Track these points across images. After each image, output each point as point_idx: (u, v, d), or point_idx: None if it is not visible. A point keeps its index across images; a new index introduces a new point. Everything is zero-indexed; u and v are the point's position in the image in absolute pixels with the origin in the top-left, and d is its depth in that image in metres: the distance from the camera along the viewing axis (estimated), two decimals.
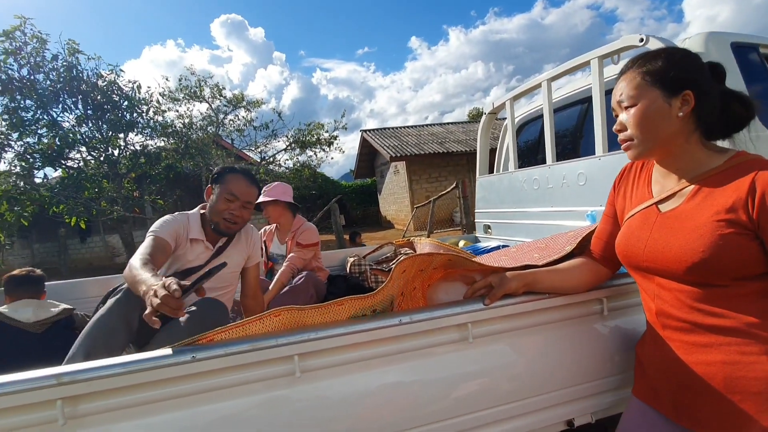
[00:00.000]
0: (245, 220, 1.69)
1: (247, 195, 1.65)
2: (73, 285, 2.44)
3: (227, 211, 1.61)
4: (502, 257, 1.31)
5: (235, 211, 1.62)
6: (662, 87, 0.83)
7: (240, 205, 1.63)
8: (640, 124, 0.85)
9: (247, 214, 1.67)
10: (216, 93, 8.66)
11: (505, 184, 2.69)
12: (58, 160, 7.22)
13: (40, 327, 1.71)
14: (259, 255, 1.89)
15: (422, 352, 1.04)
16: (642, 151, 0.88)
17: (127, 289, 1.38)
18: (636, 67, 0.87)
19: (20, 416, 0.80)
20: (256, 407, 0.92)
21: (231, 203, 1.61)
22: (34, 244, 12.46)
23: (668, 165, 0.90)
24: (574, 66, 2.06)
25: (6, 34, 6.33)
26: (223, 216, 1.61)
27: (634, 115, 0.86)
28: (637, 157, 0.90)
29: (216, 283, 1.65)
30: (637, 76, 0.86)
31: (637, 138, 0.87)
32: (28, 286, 1.85)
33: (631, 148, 0.89)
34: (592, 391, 1.18)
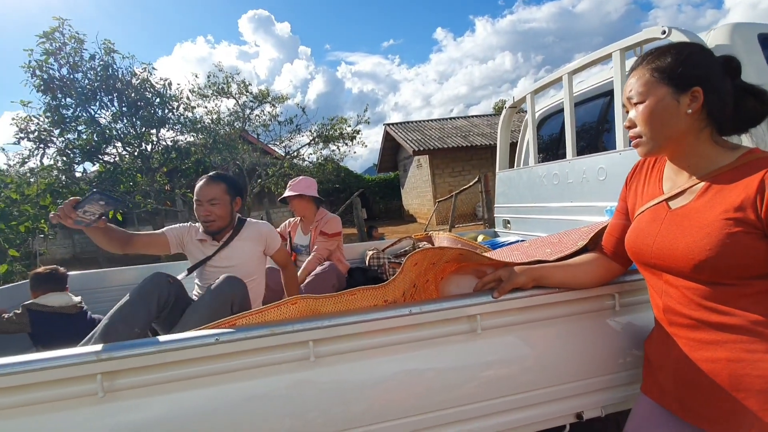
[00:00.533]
0: (219, 214, 1.83)
1: (207, 194, 1.81)
2: (113, 273, 2.61)
3: (201, 215, 1.82)
4: (515, 252, 1.33)
5: (204, 211, 1.81)
6: (670, 84, 0.83)
7: (207, 204, 1.81)
8: (649, 121, 0.86)
9: (217, 209, 1.82)
10: (242, 89, 8.88)
11: (525, 179, 2.67)
12: (96, 155, 7.60)
13: (75, 309, 1.94)
14: (277, 244, 2.03)
15: (431, 341, 1.08)
16: (651, 148, 0.88)
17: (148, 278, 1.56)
18: (646, 64, 0.87)
19: (66, 388, 0.90)
20: (272, 389, 0.99)
21: (200, 207, 1.82)
22: (74, 235, 13.18)
23: (679, 162, 0.90)
24: (595, 59, 2.02)
25: (46, 35, 6.69)
26: (201, 220, 1.84)
27: (642, 112, 0.86)
28: (647, 154, 0.90)
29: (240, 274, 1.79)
30: (647, 72, 0.86)
31: (645, 135, 0.87)
32: (53, 282, 2.04)
33: (641, 144, 0.90)
34: (602, 385, 1.19)
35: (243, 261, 1.87)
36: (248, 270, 1.88)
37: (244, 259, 1.88)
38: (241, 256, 1.87)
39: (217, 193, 1.81)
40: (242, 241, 1.89)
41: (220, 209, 1.81)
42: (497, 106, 28.82)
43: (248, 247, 1.89)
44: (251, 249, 1.90)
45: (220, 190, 1.82)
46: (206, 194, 1.81)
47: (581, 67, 2.11)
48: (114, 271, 2.62)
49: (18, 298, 2.27)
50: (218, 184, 1.83)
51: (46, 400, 0.90)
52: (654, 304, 0.96)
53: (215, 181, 1.84)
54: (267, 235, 1.96)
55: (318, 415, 1.01)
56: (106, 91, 7.19)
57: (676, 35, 1.63)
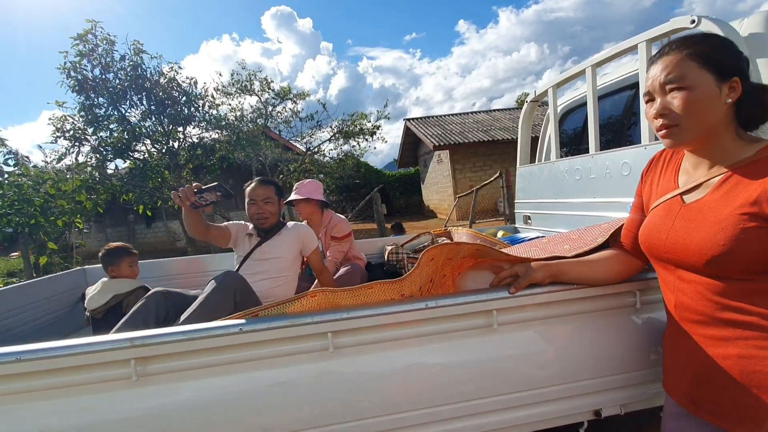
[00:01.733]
0: (272, 212, 2.07)
1: (261, 194, 2.04)
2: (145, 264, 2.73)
3: (254, 213, 2.04)
4: (532, 248, 1.33)
5: (259, 209, 2.03)
6: (714, 71, 0.79)
7: (261, 203, 2.03)
8: (691, 107, 0.80)
9: (270, 207, 2.06)
10: (265, 86, 9.03)
11: (546, 174, 2.63)
12: (127, 152, 7.89)
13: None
14: (313, 245, 2.15)
15: (448, 335, 1.09)
16: (686, 138, 0.83)
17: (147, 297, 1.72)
18: (680, 49, 0.82)
19: (104, 371, 0.96)
20: (293, 378, 1.03)
21: (254, 205, 2.04)
22: (107, 229, 13.77)
23: (703, 154, 0.87)
24: (620, 50, 1.97)
25: (80, 37, 6.96)
26: (254, 217, 2.05)
27: (684, 98, 0.80)
28: (678, 144, 0.85)
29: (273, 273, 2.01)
30: (685, 58, 0.81)
31: (683, 123, 0.82)
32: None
33: (673, 135, 0.84)
34: (622, 383, 1.18)
35: (279, 256, 2.03)
36: (283, 265, 2.04)
37: (280, 255, 2.04)
38: (277, 252, 2.04)
39: (269, 193, 2.06)
40: (281, 238, 2.07)
41: (272, 207, 2.06)
42: (520, 99, 28.25)
43: (286, 244, 2.06)
44: (288, 246, 2.06)
45: (271, 191, 2.07)
46: (261, 194, 2.04)
47: (605, 59, 2.06)
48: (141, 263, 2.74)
49: (65, 286, 2.42)
50: (269, 186, 2.08)
51: (85, 383, 0.96)
52: (666, 299, 0.95)
53: (267, 183, 2.09)
54: (305, 235, 2.12)
55: (336, 404, 1.04)
56: (136, 91, 7.43)
57: (706, 25, 1.57)
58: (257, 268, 1.98)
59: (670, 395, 0.97)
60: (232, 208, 11.97)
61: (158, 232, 13.41)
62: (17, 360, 0.93)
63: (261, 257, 2.01)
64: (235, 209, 12.16)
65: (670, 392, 0.97)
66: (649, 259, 0.98)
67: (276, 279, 2.01)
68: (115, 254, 2.18)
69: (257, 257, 2.02)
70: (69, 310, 2.48)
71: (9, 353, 0.93)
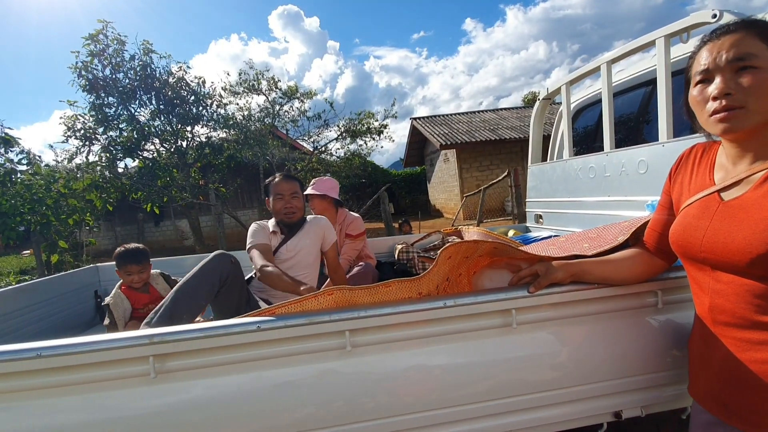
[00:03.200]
0: (299, 207, 2.05)
1: (289, 189, 2.03)
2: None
3: (282, 208, 2.02)
4: (550, 247, 1.31)
5: (287, 204, 2.02)
6: None
7: (289, 197, 2.01)
8: (763, 89, 0.74)
9: (297, 202, 2.04)
10: (272, 85, 9.05)
11: (559, 172, 2.61)
12: (136, 151, 7.96)
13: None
14: (333, 238, 2.15)
15: (466, 335, 1.08)
16: (749, 122, 0.77)
17: (212, 257, 1.68)
18: (748, 28, 0.77)
19: (123, 368, 0.96)
20: (310, 376, 1.02)
21: (282, 200, 2.02)
22: (116, 227, 13.90)
23: (747, 146, 0.82)
24: (637, 46, 1.94)
25: (92, 37, 7.04)
26: (282, 212, 2.03)
27: (755, 78, 0.74)
28: (737, 129, 0.78)
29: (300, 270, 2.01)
30: (754, 37, 0.76)
31: (750, 105, 0.75)
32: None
33: (736, 118, 0.76)
34: (643, 384, 1.16)
35: (304, 253, 2.04)
36: (309, 261, 2.06)
37: (305, 252, 2.05)
38: (303, 249, 2.04)
39: (296, 188, 2.06)
40: (305, 233, 2.07)
41: (298, 202, 2.06)
42: (526, 98, 28.07)
43: (310, 239, 2.07)
44: (312, 241, 2.07)
45: (297, 186, 2.07)
46: (288, 189, 2.03)
47: (621, 55, 2.03)
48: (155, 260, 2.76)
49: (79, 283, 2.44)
50: (294, 181, 2.08)
51: (104, 379, 0.97)
52: (698, 301, 0.92)
53: (292, 178, 2.09)
54: (325, 228, 2.12)
55: (354, 403, 1.03)
56: (145, 90, 7.50)
57: (728, 18, 1.54)
58: (289, 266, 1.98)
59: (697, 401, 0.94)
60: (238, 207, 12.02)
61: (166, 231, 13.52)
62: (38, 356, 0.93)
63: (287, 255, 2.01)
64: (242, 208, 12.21)
65: (698, 398, 0.94)
66: (681, 260, 0.95)
67: (303, 276, 2.01)
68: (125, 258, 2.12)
69: (284, 256, 2.01)
70: (83, 307, 2.50)
71: (30, 349, 0.93)
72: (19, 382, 0.95)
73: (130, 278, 2.08)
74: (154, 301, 2.12)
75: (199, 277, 1.61)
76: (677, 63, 1.79)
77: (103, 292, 2.63)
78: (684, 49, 1.82)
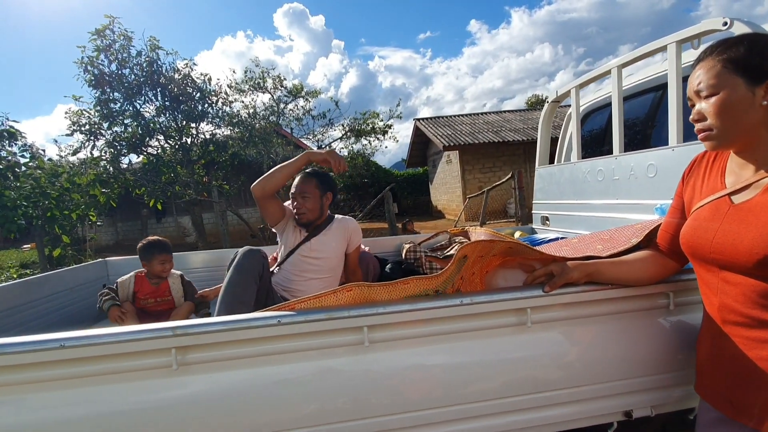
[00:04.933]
0: (309, 207, 1.96)
1: (299, 188, 1.96)
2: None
3: (296, 208, 1.97)
4: (563, 248, 1.32)
5: (295, 203, 1.96)
6: (745, 75, 0.80)
7: (299, 197, 1.94)
8: (721, 113, 0.83)
9: (308, 203, 1.96)
10: (277, 84, 9.08)
11: (567, 175, 2.62)
12: (140, 147, 7.98)
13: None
14: (358, 240, 2.10)
15: (481, 333, 1.10)
16: (722, 142, 0.85)
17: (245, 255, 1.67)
18: (715, 55, 0.84)
19: (146, 360, 0.98)
20: (329, 371, 1.04)
21: (295, 200, 1.96)
22: (118, 223, 13.92)
23: (746, 155, 0.87)
24: (648, 51, 1.96)
25: (98, 32, 7.05)
26: (297, 213, 1.98)
27: (714, 104, 0.83)
28: (716, 147, 0.87)
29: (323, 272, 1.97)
30: (718, 63, 0.83)
31: (717, 128, 0.84)
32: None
33: (710, 138, 0.86)
34: (653, 384, 1.18)
35: (329, 255, 1.98)
36: (332, 264, 1.99)
37: (330, 255, 1.99)
38: (327, 251, 1.98)
39: (308, 188, 1.96)
40: (330, 234, 2.00)
41: (310, 203, 1.95)
42: (530, 101, 28.10)
43: (335, 242, 2.00)
44: (337, 244, 2.00)
45: (311, 185, 1.97)
46: (298, 188, 1.97)
47: (632, 59, 2.04)
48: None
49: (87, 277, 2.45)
50: (311, 179, 1.98)
51: (126, 370, 0.98)
52: (707, 301, 0.94)
53: (308, 176, 2.00)
54: (353, 231, 2.06)
55: (371, 398, 1.05)
56: (151, 86, 7.52)
57: (738, 27, 1.55)
58: (306, 267, 1.92)
59: (704, 398, 0.97)
60: (241, 204, 12.04)
61: (168, 227, 13.53)
62: (61, 347, 0.95)
63: (310, 254, 1.94)
64: (244, 206, 12.24)
65: (705, 395, 0.96)
66: (691, 261, 0.97)
67: (325, 279, 1.96)
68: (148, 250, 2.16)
69: (306, 253, 1.94)
70: (91, 301, 2.52)
71: (53, 340, 0.95)
72: (42, 373, 0.96)
73: (162, 267, 2.14)
74: (159, 295, 2.15)
75: (243, 279, 1.59)
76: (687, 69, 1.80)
77: (111, 286, 2.64)
78: (695, 55, 1.83)
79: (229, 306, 1.52)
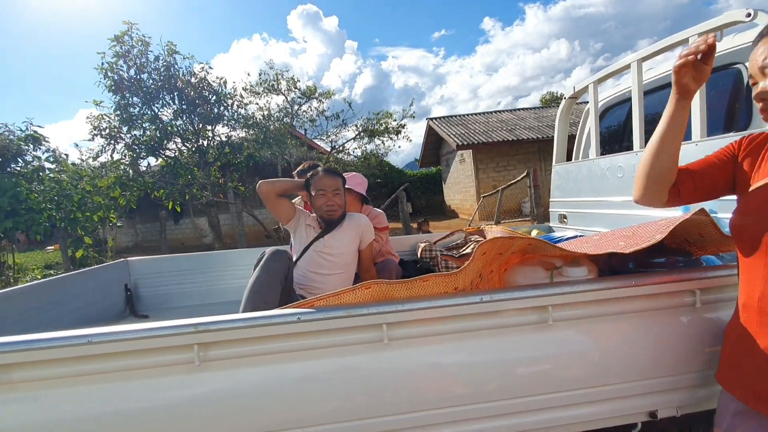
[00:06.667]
0: (340, 204, 1.98)
1: (332, 185, 1.96)
2: (174, 259, 2.82)
3: (324, 204, 1.94)
4: (584, 244, 1.30)
5: (329, 201, 1.94)
6: None
7: (331, 194, 1.94)
8: None
9: (339, 200, 1.97)
10: (291, 85, 9.15)
11: (585, 172, 2.58)
12: (158, 150, 8.14)
13: None
14: (370, 237, 2.09)
15: (501, 330, 1.09)
16: None
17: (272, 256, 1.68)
18: None
19: (169, 355, 1.00)
20: (348, 368, 1.04)
21: (324, 196, 1.93)
22: (137, 224, 14.23)
23: None
24: (670, 44, 1.91)
25: (117, 38, 7.23)
26: (323, 209, 1.95)
27: None
28: None
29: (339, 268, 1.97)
30: None
31: None
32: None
33: None
34: (679, 384, 1.15)
35: (343, 252, 1.99)
36: (346, 260, 2.01)
37: (344, 251, 2.00)
38: (342, 246, 1.99)
39: (339, 185, 1.99)
40: (344, 230, 2.01)
41: (340, 199, 1.98)
42: (544, 98, 27.70)
43: (349, 237, 2.01)
44: (351, 239, 2.01)
45: (339, 182, 2.00)
46: (331, 185, 1.96)
47: (653, 53, 1.99)
48: (175, 257, 2.83)
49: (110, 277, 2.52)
50: (337, 177, 2.01)
51: (150, 366, 1.00)
52: (747, 291, 0.90)
53: (335, 174, 2.01)
54: (365, 226, 2.06)
55: (389, 396, 1.05)
56: (168, 90, 7.66)
57: (762, 18, 1.50)
58: (322, 262, 1.94)
59: (727, 388, 0.94)
60: (256, 206, 12.19)
61: (185, 228, 13.77)
62: (89, 342, 0.97)
63: (325, 250, 1.95)
64: (259, 207, 12.38)
65: (728, 385, 0.94)
66: (738, 244, 0.92)
67: (342, 275, 1.98)
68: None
69: (321, 249, 1.95)
70: (114, 300, 2.58)
71: (81, 336, 0.97)
72: (69, 368, 0.99)
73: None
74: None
75: (270, 279, 1.61)
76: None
77: (133, 285, 2.70)
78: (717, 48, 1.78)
79: (255, 305, 1.55)
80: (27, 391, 0.98)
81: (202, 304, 2.71)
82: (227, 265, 2.82)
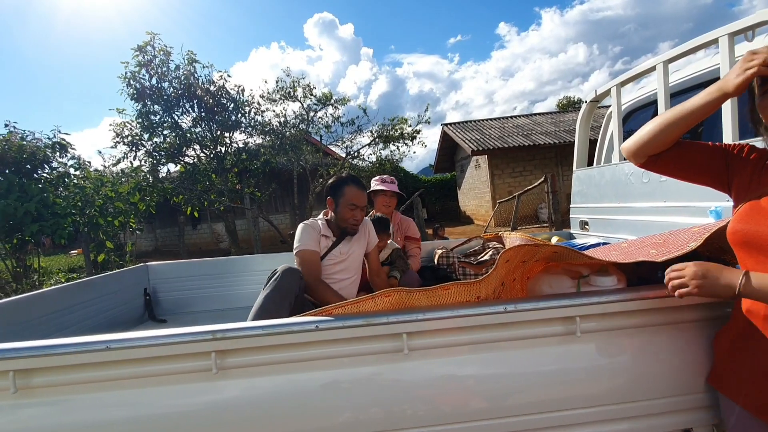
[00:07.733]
0: (363, 219, 2.02)
1: (364, 201, 1.99)
2: (192, 264, 2.84)
3: (352, 218, 1.95)
4: (612, 252, 1.25)
5: (359, 215, 1.97)
6: None
7: (360, 210, 1.96)
8: None
9: (363, 214, 2.00)
10: (307, 92, 9.23)
11: (608, 177, 2.50)
12: (178, 156, 8.31)
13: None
14: (375, 241, 2.14)
15: (526, 342, 1.04)
16: None
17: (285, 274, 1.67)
18: None
19: (186, 363, 0.98)
20: (367, 378, 1.01)
21: (354, 211, 1.94)
22: (156, 229, 14.52)
23: None
24: (697, 45, 1.84)
25: (140, 48, 7.43)
26: (350, 222, 1.96)
27: None
28: None
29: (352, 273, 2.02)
30: None
31: None
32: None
33: None
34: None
35: (354, 257, 2.04)
36: (356, 266, 2.05)
37: (355, 256, 2.05)
38: (354, 252, 2.04)
39: (366, 201, 2.02)
40: (355, 238, 2.06)
41: (364, 214, 2.03)
42: (561, 103, 27.35)
43: (359, 242, 2.06)
44: (360, 244, 2.07)
45: (366, 199, 2.03)
46: (363, 201, 1.98)
47: (680, 54, 1.93)
48: (193, 262, 2.86)
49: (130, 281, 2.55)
50: (366, 193, 2.02)
51: (168, 373, 0.99)
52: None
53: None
54: (369, 230, 2.12)
55: (409, 408, 1.01)
56: (188, 98, 7.82)
57: None
58: (339, 269, 1.97)
59: (732, 399, 0.92)
60: (272, 211, 12.30)
61: (203, 233, 13.99)
62: (107, 348, 0.97)
63: (340, 259, 1.97)
64: (275, 212, 12.48)
65: (734, 396, 0.92)
66: (739, 252, 0.90)
67: (353, 278, 2.03)
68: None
69: (337, 260, 1.97)
70: (134, 304, 2.61)
71: (100, 342, 0.97)
72: (87, 374, 0.98)
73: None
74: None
75: (280, 298, 1.61)
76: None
77: (152, 290, 2.73)
78: (747, 48, 1.71)
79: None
80: (46, 396, 0.98)
81: (219, 309, 2.72)
82: (245, 271, 2.83)
